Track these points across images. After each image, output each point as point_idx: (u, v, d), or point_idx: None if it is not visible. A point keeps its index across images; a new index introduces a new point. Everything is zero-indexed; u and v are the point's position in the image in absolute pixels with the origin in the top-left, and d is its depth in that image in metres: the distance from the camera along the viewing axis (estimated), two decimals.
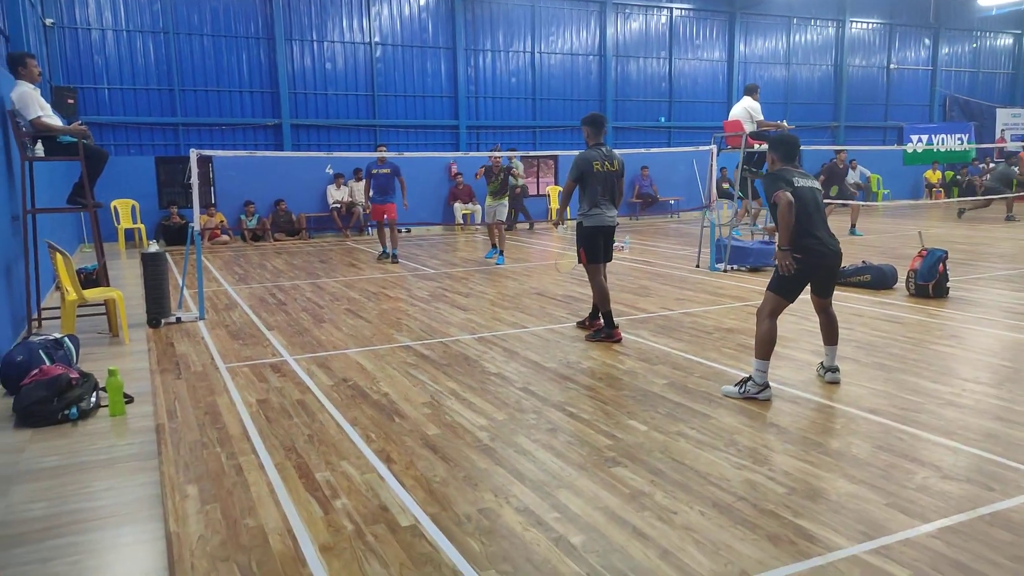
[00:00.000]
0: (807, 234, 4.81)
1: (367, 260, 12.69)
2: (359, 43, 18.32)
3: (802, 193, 4.84)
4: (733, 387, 4.93)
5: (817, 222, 4.86)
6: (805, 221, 4.80)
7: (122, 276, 11.02)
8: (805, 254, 4.80)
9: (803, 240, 4.80)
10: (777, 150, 5.09)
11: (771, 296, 4.91)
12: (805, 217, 4.80)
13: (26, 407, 4.65)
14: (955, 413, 4.51)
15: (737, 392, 4.88)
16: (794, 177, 4.89)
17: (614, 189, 6.63)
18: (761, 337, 4.87)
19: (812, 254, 4.81)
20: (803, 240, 4.80)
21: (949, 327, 6.82)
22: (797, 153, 5.08)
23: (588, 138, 6.73)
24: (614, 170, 6.61)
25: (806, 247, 4.80)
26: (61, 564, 3.01)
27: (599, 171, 6.51)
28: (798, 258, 4.79)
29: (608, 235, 6.70)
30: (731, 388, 4.94)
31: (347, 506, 3.42)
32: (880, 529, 3.11)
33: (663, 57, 21.94)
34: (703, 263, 10.79)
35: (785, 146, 5.07)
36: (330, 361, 6.04)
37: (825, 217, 4.97)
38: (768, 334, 4.85)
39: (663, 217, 20.57)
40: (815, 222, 4.85)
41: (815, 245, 4.81)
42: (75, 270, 6.86)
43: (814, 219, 4.84)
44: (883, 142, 25.27)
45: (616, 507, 3.35)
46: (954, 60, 26.65)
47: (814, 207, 4.87)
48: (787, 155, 5.05)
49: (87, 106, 15.83)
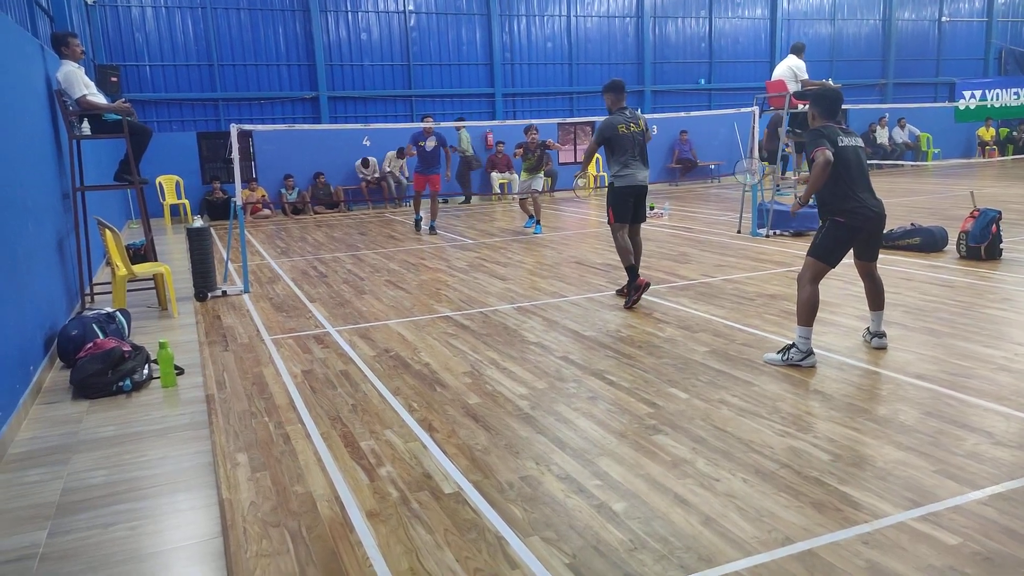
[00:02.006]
0: (850, 196, 4.65)
1: (405, 232, 12.77)
2: (393, 12, 18.23)
3: (845, 153, 4.68)
4: (776, 355, 4.86)
5: (860, 183, 4.70)
6: (848, 182, 4.65)
7: (169, 251, 11.29)
8: (848, 217, 4.67)
9: (846, 203, 4.66)
10: (819, 105, 4.90)
11: (812, 261, 4.79)
12: (848, 178, 4.65)
13: (82, 379, 4.82)
14: (1008, 378, 4.39)
15: (780, 360, 4.81)
16: (839, 136, 4.72)
17: (643, 149, 6.79)
18: (803, 303, 4.77)
19: (855, 217, 4.67)
20: (846, 203, 4.66)
21: (1002, 290, 6.61)
22: (839, 108, 4.91)
23: (611, 105, 6.91)
24: (640, 129, 6.77)
25: (849, 210, 4.66)
26: (122, 529, 3.14)
27: (624, 133, 6.69)
28: (840, 222, 4.67)
29: (640, 196, 6.83)
30: (774, 356, 4.87)
31: (391, 474, 3.49)
32: (928, 496, 3.06)
33: (703, 16, 21.39)
34: (745, 228, 10.61)
35: (827, 101, 4.88)
36: (371, 332, 6.13)
37: (868, 178, 4.81)
38: (810, 300, 4.74)
39: (703, 182, 20.23)
40: (858, 183, 4.68)
41: (858, 208, 4.66)
42: (124, 246, 7.04)
43: (857, 180, 4.68)
44: (934, 99, 24.36)
45: (657, 475, 3.36)
46: (1011, 10, 25.44)
47: (857, 168, 4.71)
48: (829, 111, 4.87)
49: (130, 84, 16.09)
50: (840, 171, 4.63)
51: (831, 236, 4.72)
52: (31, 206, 5.54)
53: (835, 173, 4.61)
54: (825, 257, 4.76)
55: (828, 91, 5.04)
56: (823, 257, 4.76)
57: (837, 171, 4.61)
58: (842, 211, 4.67)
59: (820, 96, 4.96)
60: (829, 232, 4.74)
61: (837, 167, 4.60)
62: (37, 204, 5.80)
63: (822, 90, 5.15)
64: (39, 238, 5.72)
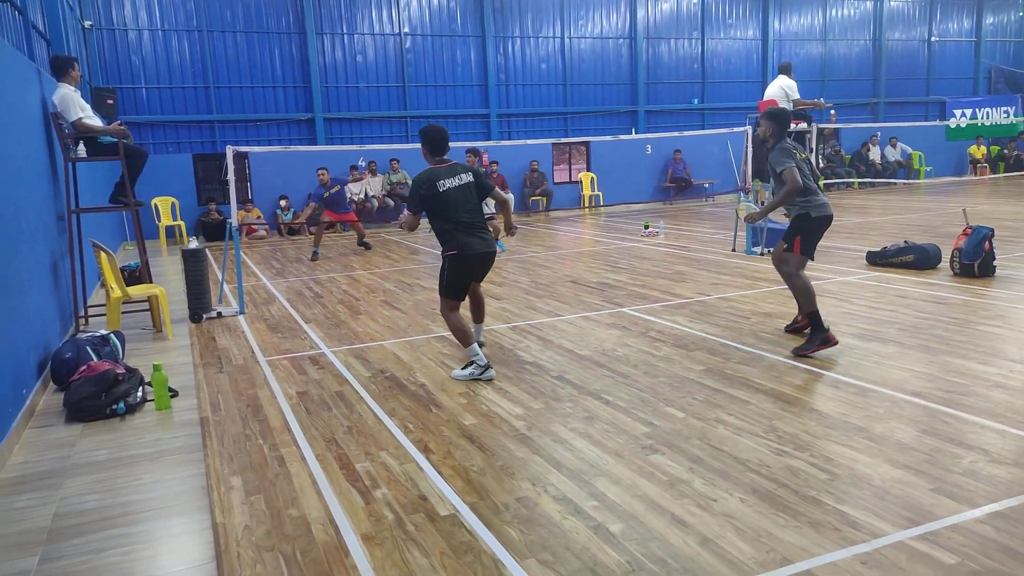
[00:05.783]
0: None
1: (400, 252, 12.78)
2: (388, 34, 18.39)
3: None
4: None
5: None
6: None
7: (164, 273, 11.27)
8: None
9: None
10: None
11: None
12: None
13: (76, 403, 4.79)
14: (1003, 395, 4.39)
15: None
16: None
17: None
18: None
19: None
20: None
21: (996, 307, 6.64)
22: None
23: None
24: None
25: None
26: (114, 554, 3.11)
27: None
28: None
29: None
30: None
31: (387, 496, 3.47)
32: (926, 515, 3.05)
33: (695, 37, 21.62)
34: (739, 247, 10.64)
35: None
36: (367, 352, 6.11)
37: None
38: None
39: (697, 201, 20.32)
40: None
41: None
42: (119, 268, 7.03)
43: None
44: (925, 118, 24.59)
45: (654, 495, 3.34)
46: (999, 30, 25.79)
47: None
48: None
49: (126, 106, 16.16)
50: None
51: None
52: (25, 228, 5.54)
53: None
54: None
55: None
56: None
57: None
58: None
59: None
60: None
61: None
62: (32, 226, 5.80)
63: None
64: (33, 260, 5.71)
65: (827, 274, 8.34)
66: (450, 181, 5.24)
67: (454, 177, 5.27)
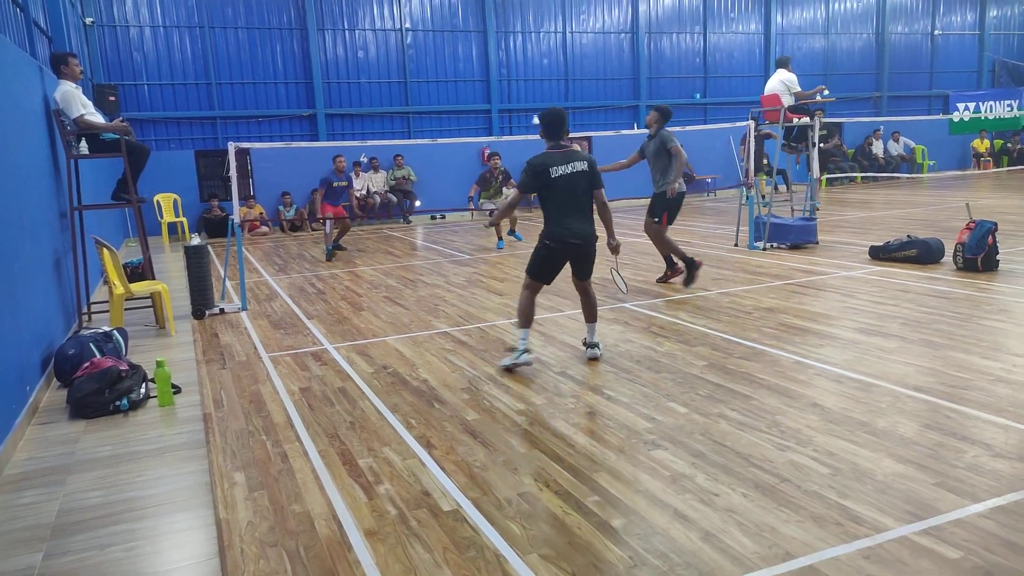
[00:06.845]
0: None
1: (402, 248, 12.78)
2: (390, 30, 18.36)
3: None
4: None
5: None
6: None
7: (166, 269, 11.29)
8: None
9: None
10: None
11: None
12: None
13: (79, 399, 4.80)
14: (1006, 390, 4.39)
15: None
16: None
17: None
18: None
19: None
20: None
21: (999, 301, 6.62)
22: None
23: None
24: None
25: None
26: (119, 550, 3.12)
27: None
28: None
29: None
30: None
31: (390, 491, 3.48)
32: (929, 509, 3.05)
33: (697, 32, 21.56)
34: (742, 242, 10.63)
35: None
36: (369, 349, 6.12)
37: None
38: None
39: (700, 196, 20.29)
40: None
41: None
42: (121, 264, 7.04)
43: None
44: (928, 111, 24.51)
45: (657, 490, 3.34)
46: (1003, 23, 25.68)
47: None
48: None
49: (128, 103, 16.17)
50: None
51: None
52: (28, 225, 5.54)
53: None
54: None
55: (552, 113, 5.29)
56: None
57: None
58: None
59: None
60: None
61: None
62: (35, 223, 5.80)
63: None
64: (36, 257, 5.72)
65: (830, 269, 8.33)
66: (563, 168, 5.20)
67: (568, 164, 5.23)
